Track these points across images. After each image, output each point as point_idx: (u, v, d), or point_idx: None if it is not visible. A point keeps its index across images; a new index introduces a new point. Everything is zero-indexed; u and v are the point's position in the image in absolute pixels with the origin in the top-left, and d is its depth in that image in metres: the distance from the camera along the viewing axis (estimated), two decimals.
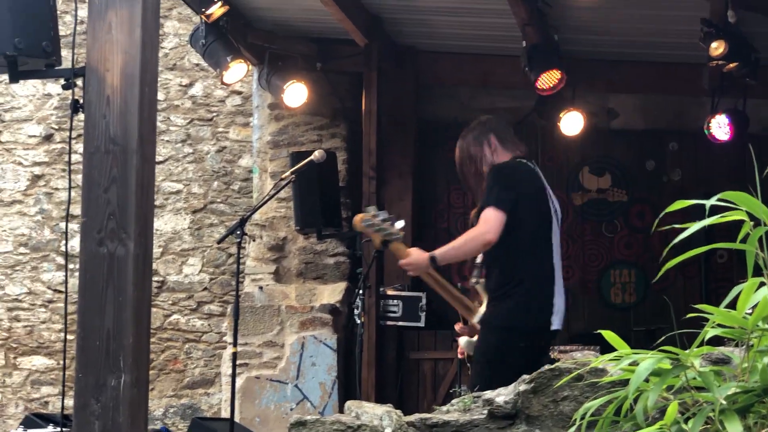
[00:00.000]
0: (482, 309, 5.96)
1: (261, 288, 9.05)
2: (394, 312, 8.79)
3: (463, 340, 6.15)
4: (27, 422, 6.95)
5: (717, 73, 8.01)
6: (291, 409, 8.68)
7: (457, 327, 7.80)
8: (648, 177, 9.62)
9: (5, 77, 5.01)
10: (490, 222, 5.60)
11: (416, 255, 5.77)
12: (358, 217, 5.83)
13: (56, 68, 4.98)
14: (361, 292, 7.28)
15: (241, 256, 6.88)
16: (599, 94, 9.59)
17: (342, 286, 9.03)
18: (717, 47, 7.54)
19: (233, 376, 6.55)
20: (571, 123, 8.88)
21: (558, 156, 9.67)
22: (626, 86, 9.33)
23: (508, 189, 5.70)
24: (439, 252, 5.75)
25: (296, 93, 8.83)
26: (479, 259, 6.03)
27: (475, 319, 6.00)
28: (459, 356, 7.98)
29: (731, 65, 7.72)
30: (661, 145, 9.66)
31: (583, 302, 9.57)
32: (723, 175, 9.19)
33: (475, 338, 5.99)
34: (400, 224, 5.84)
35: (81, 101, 4.84)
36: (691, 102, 9.34)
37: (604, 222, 9.62)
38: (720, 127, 8.52)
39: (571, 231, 9.62)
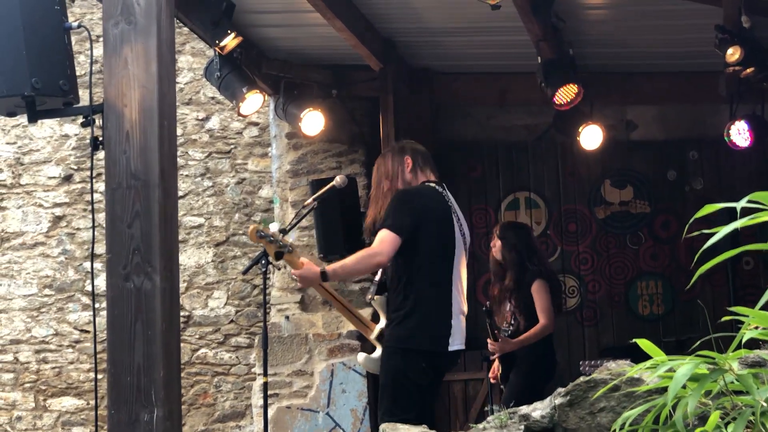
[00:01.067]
0: (380, 325, 6.01)
1: (287, 317, 9.04)
2: None
3: (361, 356, 6.22)
4: None
5: (734, 79, 7.99)
6: None
7: (490, 346, 7.78)
8: (670, 187, 9.59)
9: (22, 120, 5.02)
10: (383, 244, 5.69)
11: (308, 268, 5.83)
12: (251, 228, 5.88)
13: (74, 106, 4.99)
14: None
15: (266, 286, 6.87)
16: (617, 107, 9.58)
17: (368, 311, 8.99)
18: (733, 53, 7.51)
19: (265, 406, 6.52)
20: (590, 137, 8.86)
21: (579, 170, 9.65)
22: (643, 97, 9.32)
23: (408, 214, 5.78)
24: (330, 268, 5.84)
25: (313, 121, 8.83)
26: (377, 277, 6.10)
27: (372, 336, 6.05)
28: (491, 380, 7.95)
29: (748, 71, 7.68)
30: (682, 155, 9.64)
31: (611, 315, 9.54)
32: (745, 181, 9.17)
33: (374, 354, 6.03)
34: (282, 231, 5.96)
35: (100, 138, 4.85)
36: (710, 110, 9.32)
37: (628, 234, 9.59)
38: (740, 134, 8.49)
39: (596, 245, 9.59)
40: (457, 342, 5.85)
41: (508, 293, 7.93)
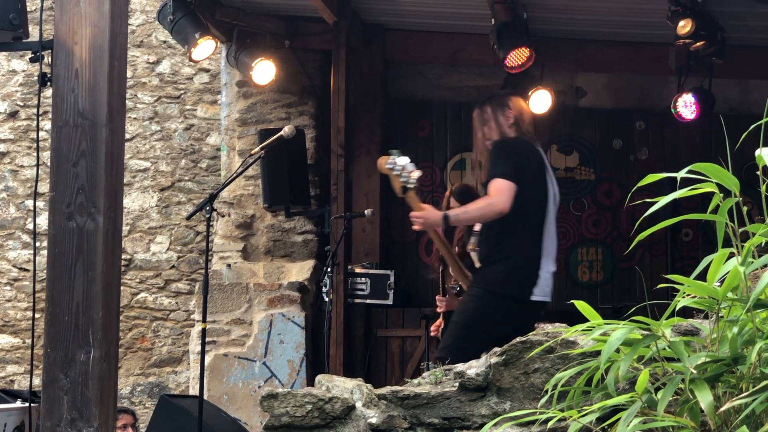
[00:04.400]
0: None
1: (229, 266, 9.03)
2: (362, 290, 8.80)
3: None
4: None
5: (684, 52, 8.05)
6: (259, 387, 8.67)
7: (438, 300, 7.79)
8: (615, 156, 9.67)
9: None
10: (502, 192, 5.74)
11: (430, 211, 5.88)
12: (382, 159, 5.88)
13: (23, 41, 4.93)
14: (329, 269, 7.30)
15: (209, 233, 6.86)
16: (567, 73, 9.61)
17: (310, 263, 9.03)
18: (684, 26, 7.58)
19: (202, 352, 6.53)
20: (540, 101, 8.89)
21: None
22: (594, 65, 9.36)
23: (514, 162, 5.83)
24: (452, 212, 5.93)
25: (264, 70, 8.79)
26: (477, 227, 6.15)
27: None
28: (432, 333, 8.02)
29: (698, 44, 7.76)
30: (629, 124, 9.71)
31: None
32: (689, 153, 9.26)
33: None
34: (417, 174, 5.91)
35: (49, 75, 4.80)
36: (658, 81, 9.39)
37: (572, 200, 9.66)
38: (686, 106, 8.58)
39: None
40: (540, 293, 5.89)
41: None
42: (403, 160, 5.88)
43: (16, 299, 10.37)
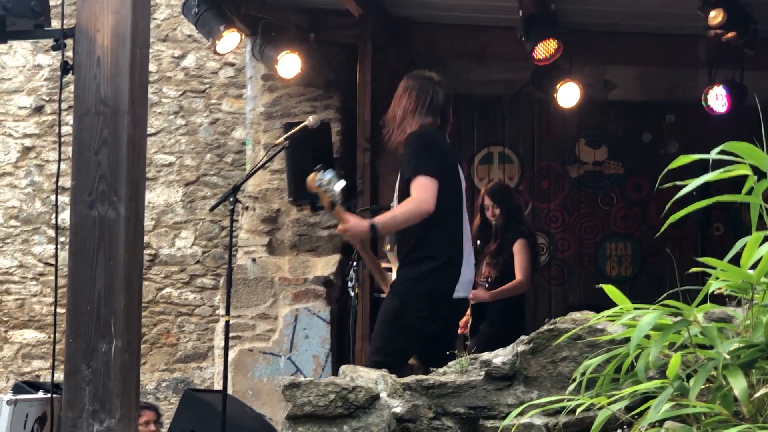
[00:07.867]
0: (393, 276, 5.96)
1: (254, 260, 8.99)
2: None
3: None
4: (17, 389, 6.89)
5: (715, 43, 7.95)
6: None
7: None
8: (644, 149, 9.58)
9: None
10: (426, 191, 5.56)
11: (356, 222, 5.72)
12: (311, 177, 5.72)
13: (45, 29, 4.89)
14: (354, 264, 7.23)
15: (234, 228, 6.80)
16: (596, 66, 9.52)
17: (335, 258, 8.97)
18: (715, 16, 7.49)
19: (226, 345, 6.49)
20: (568, 95, 8.81)
21: (554, 128, 9.62)
22: (623, 58, 9.26)
23: (433, 157, 5.67)
24: (379, 221, 5.72)
25: (289, 64, 8.75)
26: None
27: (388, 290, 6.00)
28: (460, 330, 7.94)
29: (729, 35, 7.66)
30: (658, 117, 9.62)
31: (579, 275, 9.54)
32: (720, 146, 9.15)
33: None
34: (340, 185, 5.73)
35: (71, 63, 4.77)
36: (689, 74, 9.28)
37: (600, 194, 9.58)
38: (717, 99, 8.46)
39: (567, 203, 9.58)
40: (462, 291, 5.78)
41: (492, 250, 8.01)
42: (328, 174, 5.71)
43: (42, 294, 10.36)
